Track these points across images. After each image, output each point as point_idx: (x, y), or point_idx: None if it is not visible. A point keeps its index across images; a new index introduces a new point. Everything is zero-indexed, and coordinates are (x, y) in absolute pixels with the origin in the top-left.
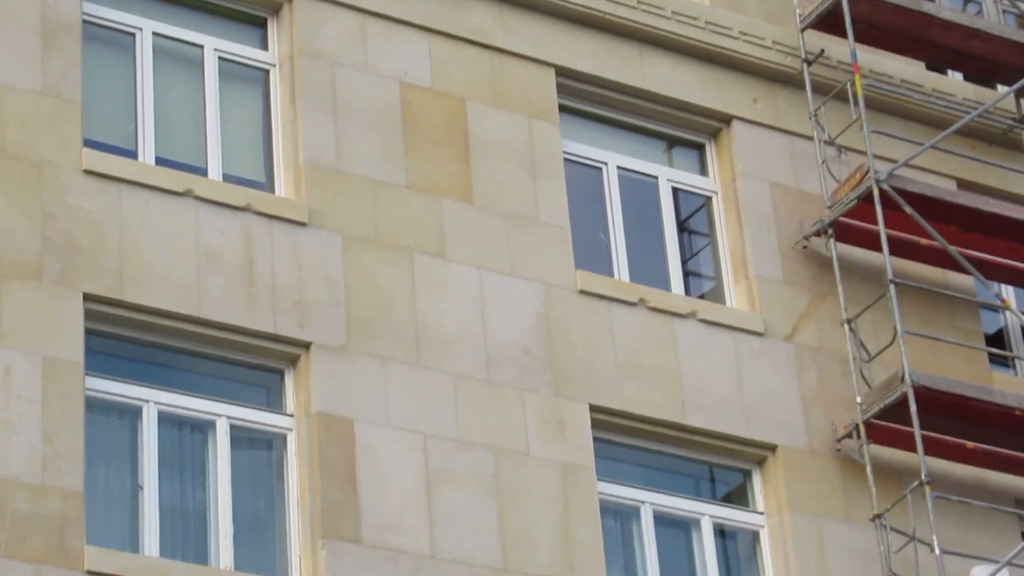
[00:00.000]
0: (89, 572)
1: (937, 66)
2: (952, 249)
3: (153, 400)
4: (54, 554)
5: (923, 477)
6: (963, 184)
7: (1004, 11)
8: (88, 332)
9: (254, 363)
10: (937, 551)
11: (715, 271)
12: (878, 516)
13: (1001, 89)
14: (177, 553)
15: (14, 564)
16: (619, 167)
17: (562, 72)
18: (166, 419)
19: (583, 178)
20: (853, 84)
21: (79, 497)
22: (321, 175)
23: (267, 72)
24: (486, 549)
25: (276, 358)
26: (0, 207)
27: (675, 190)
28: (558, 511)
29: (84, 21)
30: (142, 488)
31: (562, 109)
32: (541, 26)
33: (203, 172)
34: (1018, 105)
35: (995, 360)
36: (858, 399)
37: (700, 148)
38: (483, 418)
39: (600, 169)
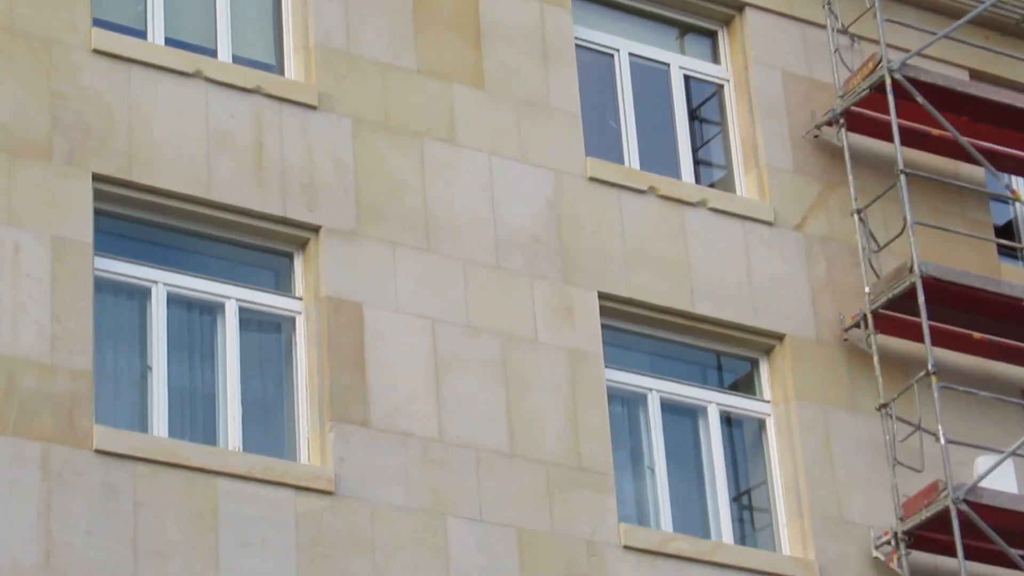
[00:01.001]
0: (98, 451)
1: None
2: (963, 140)
3: (162, 281)
4: (63, 433)
5: (930, 367)
6: (975, 74)
7: None
8: (97, 212)
9: (263, 246)
10: (942, 441)
11: (725, 160)
12: (884, 406)
13: None
14: (186, 434)
15: (23, 443)
16: (631, 54)
17: None
18: (175, 300)
19: (595, 64)
20: None
21: (88, 377)
22: (331, 58)
23: None
24: (494, 434)
25: (285, 241)
26: (9, 86)
27: (687, 78)
28: (566, 397)
29: None
30: (151, 369)
31: None
32: None
33: (212, 53)
34: None
35: (1004, 251)
36: (866, 289)
37: (712, 35)
38: (492, 304)
39: (612, 56)
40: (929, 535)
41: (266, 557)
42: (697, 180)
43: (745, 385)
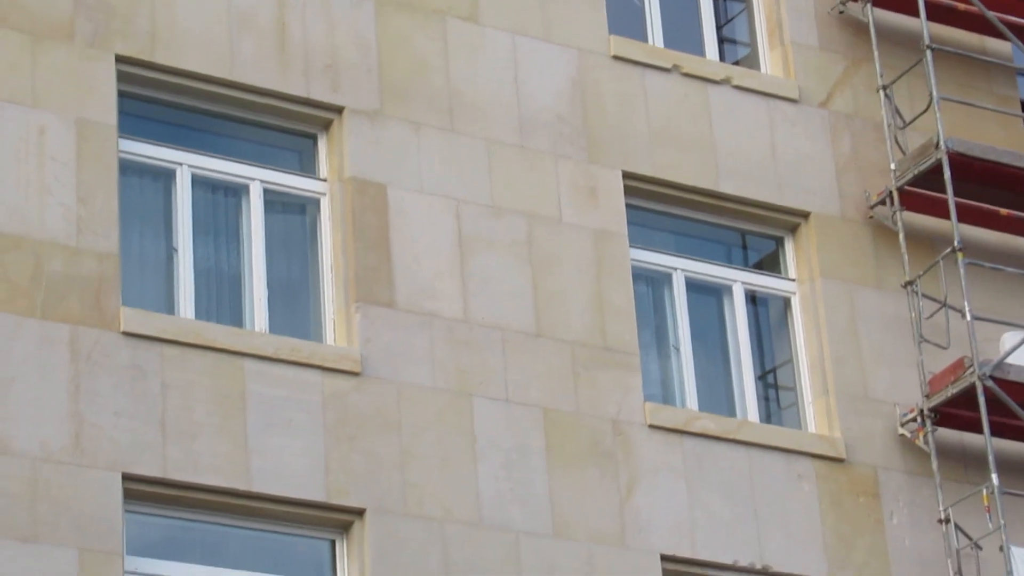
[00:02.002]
0: (125, 333)
1: None
2: (990, 14)
3: (187, 163)
4: (90, 316)
5: (956, 243)
6: None
7: None
8: (121, 94)
9: (287, 127)
10: (968, 317)
11: (750, 37)
12: (910, 283)
13: None
14: (212, 316)
15: (51, 325)
16: None
17: None
18: (200, 182)
19: None
20: None
21: (114, 259)
22: None
23: None
24: (519, 314)
25: (309, 122)
26: None
27: None
28: (590, 277)
29: None
30: (176, 251)
31: None
32: None
33: None
34: None
35: None
36: (892, 165)
37: None
38: (516, 184)
39: None
40: (955, 412)
41: (293, 438)
42: (721, 58)
43: (770, 263)
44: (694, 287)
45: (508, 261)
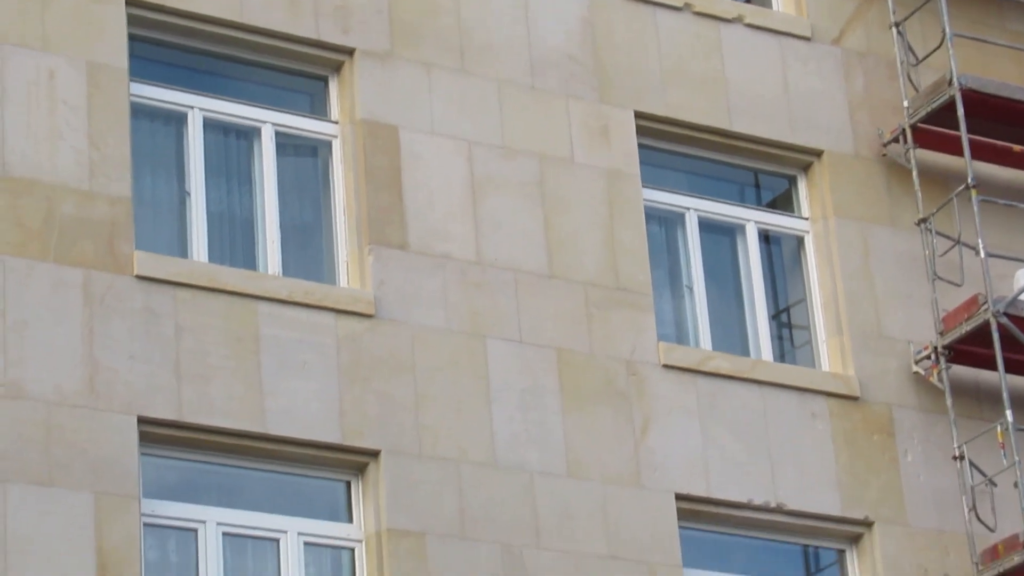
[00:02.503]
0: (139, 277)
1: None
2: None
3: (198, 106)
4: (104, 259)
5: (969, 181)
6: None
7: None
8: (131, 38)
9: (298, 69)
10: (982, 254)
11: None
12: (923, 220)
13: None
14: (225, 259)
15: (65, 269)
16: None
17: None
18: (211, 125)
19: None
20: None
21: (127, 203)
22: None
23: None
24: (532, 255)
25: (320, 64)
26: None
27: None
28: (603, 218)
29: None
30: (189, 194)
31: None
32: None
33: None
34: None
35: None
36: (905, 103)
37: None
38: (528, 125)
39: None
40: (969, 349)
41: (307, 380)
42: None
43: (783, 202)
44: (707, 226)
45: (520, 202)
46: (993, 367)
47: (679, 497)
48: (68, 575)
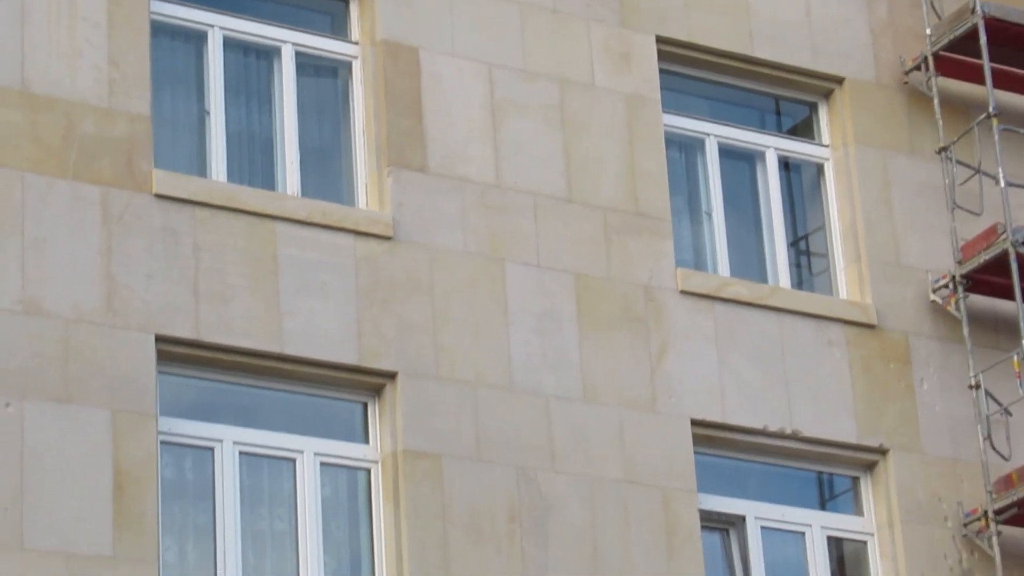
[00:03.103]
0: (158, 195)
1: None
2: None
3: (218, 25)
4: (123, 177)
5: (990, 109)
6: None
7: None
8: None
9: None
10: (1002, 184)
11: None
12: (944, 149)
13: None
14: (244, 179)
15: (84, 186)
16: None
17: None
18: (232, 44)
19: None
20: None
21: (146, 121)
22: None
23: None
24: (551, 179)
25: None
26: None
27: None
28: (623, 143)
29: None
30: (208, 113)
31: None
32: None
33: None
34: None
35: None
36: (927, 31)
37: None
38: (549, 48)
39: None
40: (987, 278)
41: (325, 301)
42: None
43: (804, 129)
44: (727, 153)
45: (540, 126)
46: (1011, 297)
47: (695, 423)
48: (85, 492)
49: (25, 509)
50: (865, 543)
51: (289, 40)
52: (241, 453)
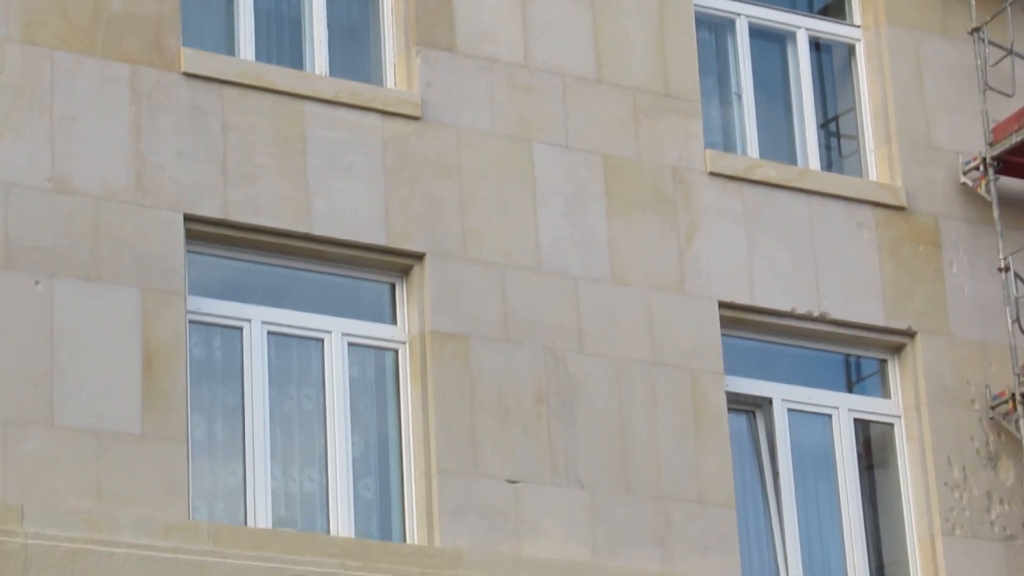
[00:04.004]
0: (186, 74)
1: None
2: None
3: None
4: (151, 55)
5: None
6: None
7: None
8: None
9: None
10: None
11: None
12: (976, 29)
13: None
14: (272, 58)
15: (112, 64)
16: None
17: None
18: None
19: None
20: None
21: None
22: None
23: None
24: (580, 59)
25: None
26: None
27: None
28: (653, 22)
29: None
30: None
31: None
32: None
33: None
34: None
35: None
36: None
37: None
38: None
39: None
40: (1018, 160)
41: (353, 181)
42: None
43: (835, 9)
44: (757, 33)
45: (570, 5)
46: None
47: (723, 305)
48: (114, 370)
49: (55, 386)
50: (892, 426)
51: None
52: (269, 333)
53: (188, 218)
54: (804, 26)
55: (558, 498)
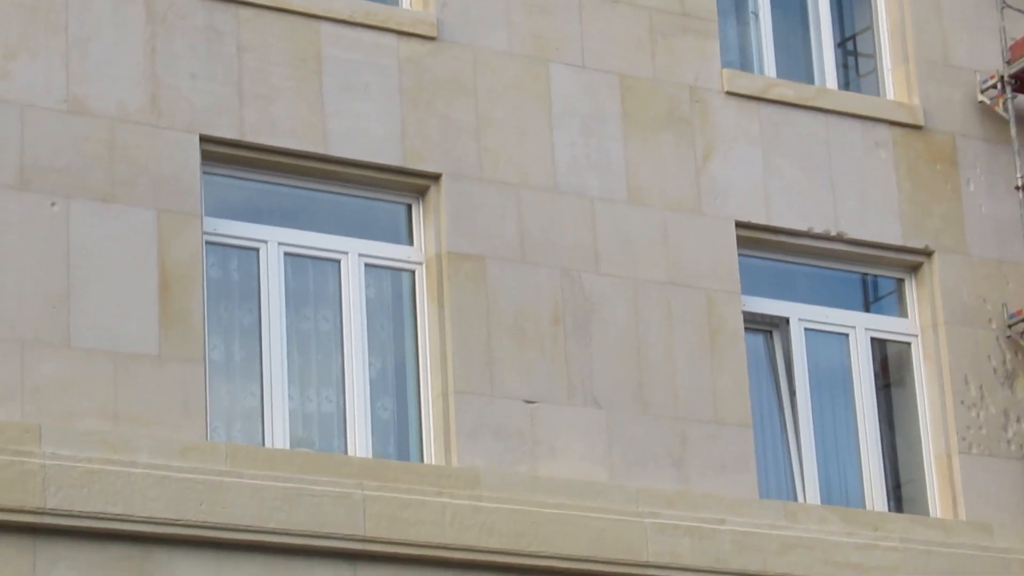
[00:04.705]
0: None
1: None
2: None
3: None
4: None
5: None
6: None
7: None
8: None
9: None
10: None
11: None
12: None
13: None
14: None
15: None
16: None
17: None
18: None
19: None
20: None
21: None
22: None
23: None
24: None
25: None
26: None
27: None
28: None
29: None
30: None
31: None
32: None
33: None
34: None
35: None
36: None
37: None
38: None
39: None
40: None
41: (369, 102)
42: None
43: None
44: None
45: None
46: None
47: (739, 224)
48: (131, 291)
49: (72, 308)
50: (909, 345)
51: None
52: (286, 254)
53: (204, 139)
54: None
55: (574, 418)
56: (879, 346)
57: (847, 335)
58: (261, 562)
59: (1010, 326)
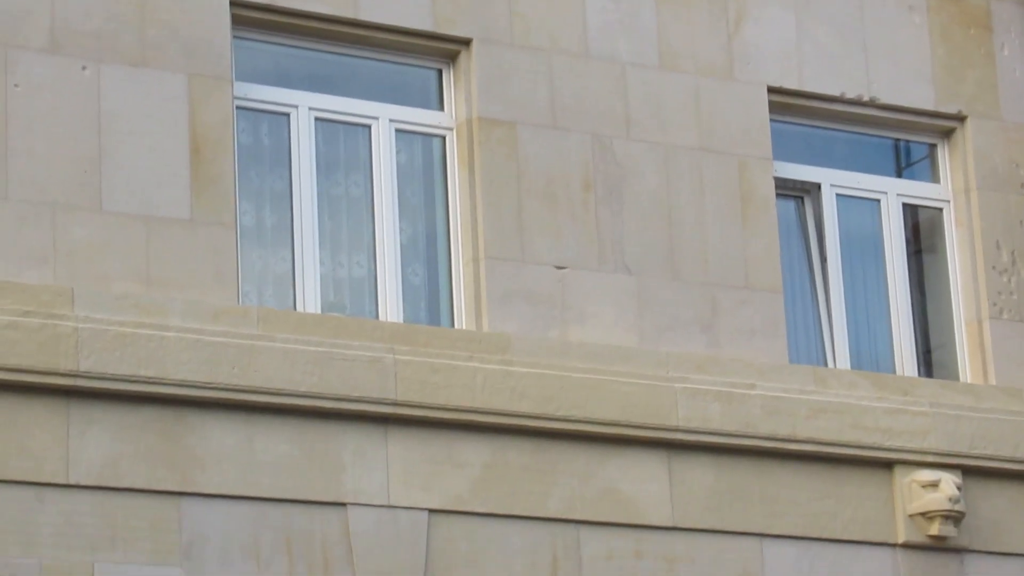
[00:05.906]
0: None
1: None
2: None
3: None
4: None
5: None
6: None
7: None
8: None
9: None
10: None
11: None
12: None
13: None
14: None
15: None
16: None
17: None
18: None
19: None
20: None
21: None
22: None
23: None
24: None
25: None
26: None
27: None
28: None
29: None
30: None
31: None
32: None
33: None
34: None
35: None
36: None
37: None
38: None
39: None
40: None
41: None
42: None
43: None
44: None
45: None
46: None
47: (771, 90)
48: (162, 155)
49: (103, 172)
50: (941, 210)
51: None
52: (317, 119)
53: (234, 3)
54: None
55: (605, 284)
56: (911, 211)
57: (879, 200)
58: (292, 425)
59: None
